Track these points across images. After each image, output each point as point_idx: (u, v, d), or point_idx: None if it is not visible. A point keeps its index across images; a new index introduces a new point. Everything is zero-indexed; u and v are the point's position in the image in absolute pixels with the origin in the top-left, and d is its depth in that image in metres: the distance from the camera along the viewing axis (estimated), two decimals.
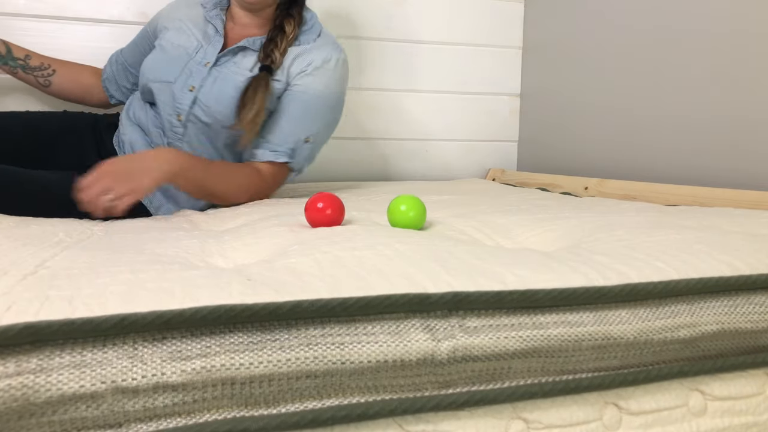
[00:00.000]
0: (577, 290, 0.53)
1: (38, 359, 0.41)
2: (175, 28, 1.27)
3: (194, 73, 1.20)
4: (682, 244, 0.65)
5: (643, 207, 1.02)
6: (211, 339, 0.44)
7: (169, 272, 0.52)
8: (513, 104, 1.89)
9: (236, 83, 1.17)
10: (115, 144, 1.28)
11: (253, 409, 0.45)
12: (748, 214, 0.87)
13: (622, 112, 1.45)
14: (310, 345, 0.46)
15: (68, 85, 1.38)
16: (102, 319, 0.42)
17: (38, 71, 1.34)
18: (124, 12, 1.56)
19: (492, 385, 0.51)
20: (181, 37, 1.25)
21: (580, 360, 0.53)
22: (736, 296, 0.58)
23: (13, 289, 0.47)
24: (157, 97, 1.22)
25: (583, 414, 0.53)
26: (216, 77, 1.19)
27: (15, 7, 1.49)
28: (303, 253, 0.60)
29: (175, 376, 0.43)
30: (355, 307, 0.47)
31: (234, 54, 1.22)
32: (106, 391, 0.41)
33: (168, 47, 1.25)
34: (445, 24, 1.81)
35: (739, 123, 1.14)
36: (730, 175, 1.16)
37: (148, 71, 1.24)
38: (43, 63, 1.34)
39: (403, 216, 0.77)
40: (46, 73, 1.35)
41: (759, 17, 1.10)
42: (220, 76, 1.19)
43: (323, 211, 0.76)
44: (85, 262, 0.56)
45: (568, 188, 1.51)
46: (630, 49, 1.42)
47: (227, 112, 1.17)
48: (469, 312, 0.50)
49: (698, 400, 0.57)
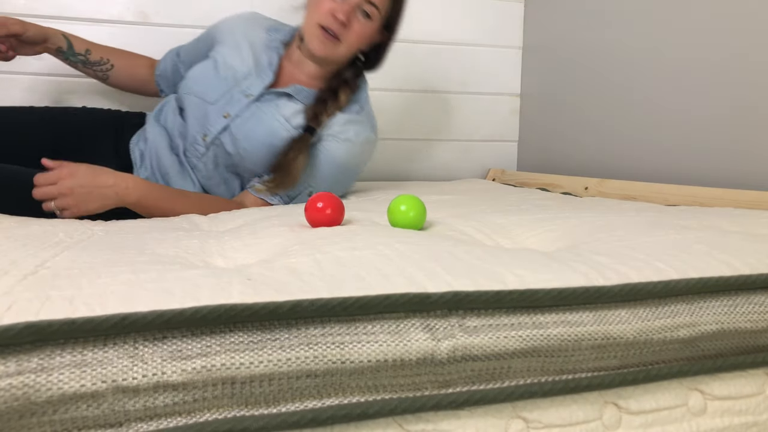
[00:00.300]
0: (577, 290, 0.53)
1: (39, 358, 0.41)
2: (231, 45, 1.27)
3: (234, 101, 1.20)
4: (682, 244, 0.65)
5: (643, 207, 1.02)
6: (211, 338, 0.44)
7: (169, 272, 0.52)
8: (513, 104, 1.89)
9: (271, 127, 1.18)
10: (132, 143, 1.27)
11: (253, 408, 0.45)
12: (748, 214, 0.87)
13: (621, 112, 1.45)
14: (310, 344, 0.46)
15: (124, 79, 1.40)
16: (103, 318, 0.42)
17: (97, 66, 1.35)
18: (124, 12, 1.57)
19: (492, 385, 0.51)
20: (234, 56, 1.25)
21: (580, 359, 0.53)
22: (736, 296, 0.58)
23: (14, 288, 0.47)
24: (190, 110, 1.22)
25: (582, 413, 0.53)
26: (254, 113, 1.19)
27: (15, 7, 1.50)
28: (303, 253, 0.60)
29: (175, 376, 0.43)
30: (355, 306, 0.47)
31: (278, 96, 1.22)
32: (107, 391, 0.41)
33: (219, 64, 1.24)
34: (445, 24, 1.81)
35: (739, 123, 1.14)
36: (730, 175, 1.16)
37: (192, 82, 1.24)
38: (102, 58, 1.35)
39: (404, 216, 0.77)
40: (105, 68, 1.35)
41: (759, 17, 1.10)
42: (257, 113, 1.19)
43: (323, 210, 0.77)
44: (85, 262, 0.56)
45: (568, 188, 1.51)
46: (630, 49, 1.42)
47: (252, 150, 1.17)
48: (469, 312, 0.50)
49: (698, 399, 0.57)
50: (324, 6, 1.16)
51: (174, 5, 1.60)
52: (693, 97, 1.24)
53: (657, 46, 1.34)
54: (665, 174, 1.31)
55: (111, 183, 1.02)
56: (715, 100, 1.19)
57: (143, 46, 1.57)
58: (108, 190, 1.01)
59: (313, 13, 1.19)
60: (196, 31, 1.60)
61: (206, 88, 1.22)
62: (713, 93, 1.20)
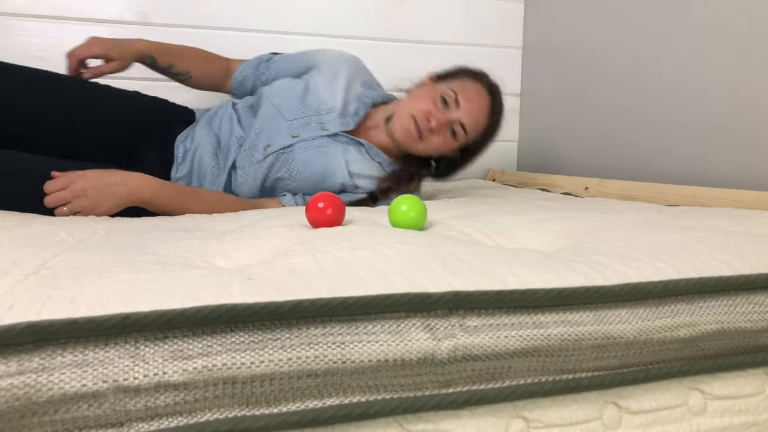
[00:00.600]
0: (577, 290, 0.53)
1: (40, 358, 0.41)
2: (327, 78, 1.29)
3: (309, 128, 1.22)
4: (682, 244, 0.65)
5: (643, 207, 1.03)
6: (212, 338, 0.44)
7: (170, 272, 0.52)
8: (513, 104, 1.89)
9: (331, 165, 1.20)
10: (178, 140, 1.27)
11: (254, 408, 0.45)
12: (748, 214, 0.87)
13: (622, 112, 1.45)
14: (310, 344, 0.46)
15: (203, 83, 1.42)
16: (104, 318, 0.42)
17: (177, 76, 1.38)
18: (124, 12, 1.57)
19: (492, 385, 0.51)
20: (326, 89, 1.27)
21: (580, 359, 0.53)
22: (736, 296, 0.58)
23: (15, 288, 0.47)
24: (263, 116, 1.24)
25: (583, 413, 0.53)
26: (321, 146, 1.21)
27: (15, 7, 1.50)
28: (304, 253, 0.60)
29: (176, 376, 0.43)
30: (356, 306, 0.47)
31: (351, 142, 1.24)
32: (108, 391, 0.41)
33: (310, 90, 1.27)
34: (445, 24, 1.81)
35: (739, 123, 1.14)
36: (730, 175, 1.16)
37: (278, 93, 1.26)
38: (182, 71, 1.37)
39: (404, 216, 0.77)
40: (184, 78, 1.39)
41: (759, 17, 1.10)
42: (324, 147, 1.21)
43: (324, 211, 0.77)
44: (86, 262, 0.56)
45: (568, 188, 1.51)
46: (630, 49, 1.42)
47: (303, 176, 1.20)
48: (470, 311, 0.50)
49: (698, 399, 0.57)
50: (424, 105, 1.20)
51: (174, 5, 1.60)
52: (693, 97, 1.24)
53: (657, 46, 1.34)
54: (665, 174, 1.31)
55: (121, 181, 1.02)
56: (715, 100, 1.19)
57: None
58: (119, 188, 1.02)
59: (412, 104, 1.23)
60: (196, 31, 1.61)
61: (288, 105, 1.24)
62: (713, 93, 1.20)
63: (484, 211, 0.97)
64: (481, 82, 1.26)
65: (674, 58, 1.29)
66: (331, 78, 1.29)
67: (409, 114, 1.20)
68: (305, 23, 1.70)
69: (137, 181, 1.04)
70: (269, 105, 1.25)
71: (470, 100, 1.22)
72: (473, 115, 1.22)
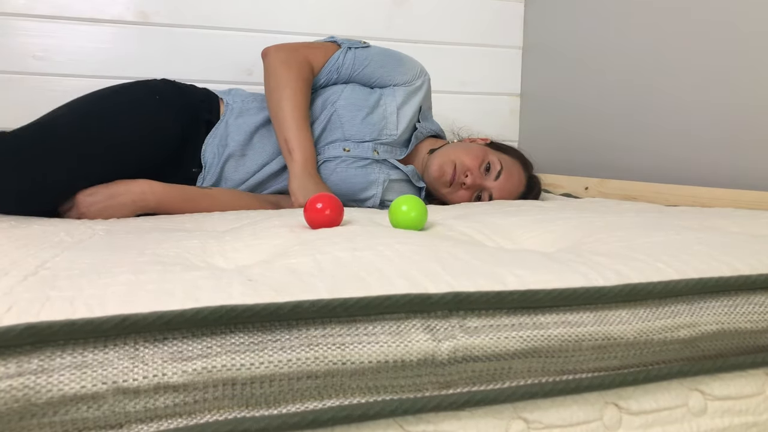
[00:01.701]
0: (577, 290, 0.53)
1: (39, 360, 0.41)
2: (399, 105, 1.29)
3: (362, 147, 1.24)
4: (682, 244, 0.65)
5: (643, 207, 1.02)
6: (212, 339, 0.44)
7: (170, 273, 0.52)
8: (513, 104, 1.89)
9: (369, 188, 1.22)
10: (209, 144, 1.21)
11: (253, 409, 0.45)
12: (748, 215, 0.87)
13: (622, 112, 1.45)
14: (311, 345, 0.46)
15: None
16: (103, 319, 0.42)
17: None
18: (124, 12, 1.57)
19: (492, 386, 0.51)
20: (393, 116, 1.28)
21: (581, 360, 0.53)
22: (736, 296, 0.58)
23: (14, 289, 0.47)
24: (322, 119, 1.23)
25: (583, 414, 0.53)
26: (365, 166, 1.23)
27: (15, 7, 1.50)
28: (304, 254, 0.60)
29: (176, 377, 0.43)
30: (356, 307, 0.47)
31: (395, 170, 1.26)
32: (107, 392, 0.41)
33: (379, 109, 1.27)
34: (445, 24, 1.81)
35: (739, 123, 1.14)
36: (730, 175, 1.16)
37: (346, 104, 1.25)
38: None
39: (405, 216, 0.77)
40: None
41: (759, 17, 1.10)
42: (368, 168, 1.23)
43: (322, 211, 0.77)
44: (86, 263, 0.56)
45: (568, 188, 1.51)
46: (630, 49, 1.42)
47: (337, 189, 1.21)
48: (470, 312, 0.50)
49: (698, 400, 0.57)
50: (469, 160, 1.23)
51: (174, 5, 1.60)
52: (693, 97, 1.24)
53: (657, 46, 1.34)
54: (665, 174, 1.31)
55: (123, 191, 1.03)
56: (715, 100, 1.19)
57: (143, 46, 1.57)
58: (123, 198, 1.03)
59: (460, 153, 1.25)
60: (196, 31, 1.61)
61: (352, 121, 1.24)
62: (713, 93, 1.20)
63: (484, 212, 0.97)
64: (526, 171, 1.31)
65: (674, 58, 1.29)
66: (402, 104, 1.30)
67: (452, 160, 1.23)
68: (305, 23, 1.70)
69: (140, 188, 1.04)
70: (333, 109, 1.24)
71: (509, 180, 1.25)
72: (505, 193, 1.25)
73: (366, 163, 1.24)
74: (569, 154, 1.65)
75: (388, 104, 1.28)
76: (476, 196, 1.25)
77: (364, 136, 1.24)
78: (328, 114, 1.24)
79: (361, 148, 1.24)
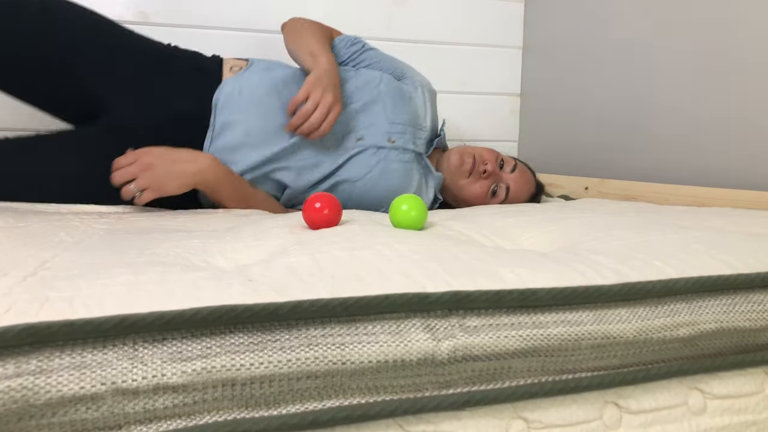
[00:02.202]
0: (577, 289, 0.53)
1: (38, 360, 0.41)
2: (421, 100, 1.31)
3: (404, 137, 1.22)
4: (681, 243, 0.65)
5: (641, 207, 1.03)
6: (211, 340, 0.44)
7: (169, 273, 0.52)
8: (513, 104, 1.89)
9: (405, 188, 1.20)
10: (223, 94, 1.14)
11: (253, 410, 0.45)
12: (747, 214, 0.87)
13: (622, 112, 1.45)
14: (310, 345, 0.46)
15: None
16: (102, 320, 0.42)
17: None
18: (124, 12, 1.56)
19: (492, 385, 0.51)
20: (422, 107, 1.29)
21: (580, 359, 0.53)
22: (735, 295, 0.58)
23: (13, 290, 0.47)
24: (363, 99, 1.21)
25: (583, 413, 0.53)
26: (405, 162, 1.21)
27: None
28: (303, 254, 0.60)
29: (175, 378, 0.43)
30: (356, 306, 0.47)
31: (427, 172, 1.27)
32: (106, 393, 0.41)
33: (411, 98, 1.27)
34: (445, 24, 1.81)
35: (738, 123, 1.14)
36: (729, 175, 1.16)
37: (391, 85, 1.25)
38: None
39: (405, 215, 0.77)
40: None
41: (759, 17, 1.10)
42: (407, 165, 1.22)
43: (321, 211, 0.77)
44: (85, 263, 0.56)
45: (568, 188, 1.51)
46: (630, 49, 1.42)
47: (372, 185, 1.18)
48: (469, 311, 0.50)
49: (698, 398, 0.57)
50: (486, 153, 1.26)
51: (174, 5, 1.60)
52: (693, 97, 1.24)
53: (657, 46, 1.34)
54: (665, 174, 1.31)
55: (190, 158, 1.00)
56: (716, 100, 1.19)
57: None
58: (188, 165, 0.99)
59: (475, 147, 1.29)
60: (196, 31, 1.61)
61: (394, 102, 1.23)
62: (713, 93, 1.20)
63: (483, 212, 0.97)
64: (534, 176, 1.35)
65: (674, 58, 1.29)
66: (425, 100, 1.32)
67: (471, 152, 1.26)
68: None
69: (206, 162, 1.01)
70: (377, 92, 1.21)
71: (524, 175, 1.29)
72: (520, 186, 1.27)
73: (406, 159, 1.21)
74: (569, 154, 1.65)
75: (417, 96, 1.30)
76: (492, 191, 1.24)
77: (405, 122, 1.23)
78: (372, 94, 1.21)
79: (403, 138, 1.21)
